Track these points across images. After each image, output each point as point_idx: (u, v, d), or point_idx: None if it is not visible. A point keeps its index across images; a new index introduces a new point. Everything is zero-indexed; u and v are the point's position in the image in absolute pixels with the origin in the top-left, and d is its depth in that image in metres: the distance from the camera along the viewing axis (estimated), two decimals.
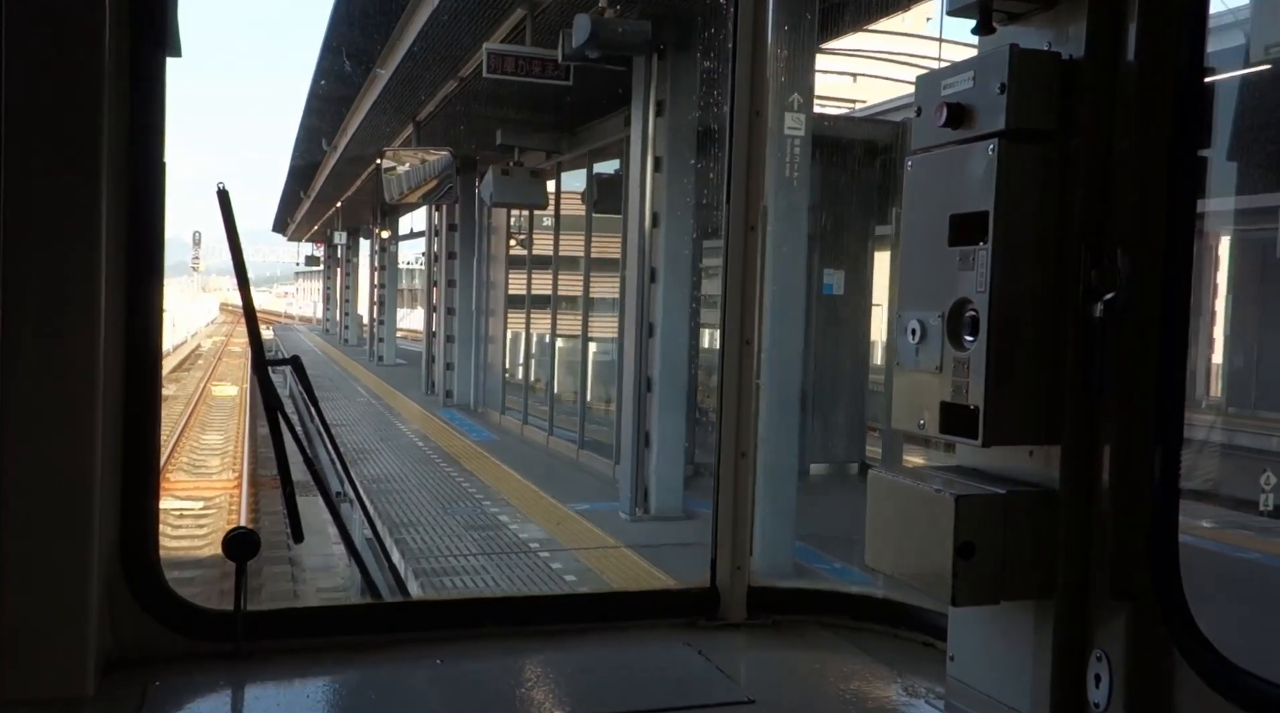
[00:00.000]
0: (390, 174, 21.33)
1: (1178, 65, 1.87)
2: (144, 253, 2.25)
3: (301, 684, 2.40)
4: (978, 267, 1.95)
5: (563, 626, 2.72)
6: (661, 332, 13.28)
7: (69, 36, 2.06)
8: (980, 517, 1.95)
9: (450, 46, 16.41)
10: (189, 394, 32.27)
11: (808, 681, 2.57)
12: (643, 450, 13.39)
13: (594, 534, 12.68)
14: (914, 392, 2.12)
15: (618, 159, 17.49)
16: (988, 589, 1.98)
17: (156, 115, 2.25)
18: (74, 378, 2.10)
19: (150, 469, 2.33)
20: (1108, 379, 1.91)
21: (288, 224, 59.47)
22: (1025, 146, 1.94)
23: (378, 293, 42.47)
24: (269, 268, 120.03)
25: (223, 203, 2.46)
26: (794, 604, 2.87)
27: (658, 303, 13.31)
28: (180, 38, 2.28)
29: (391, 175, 21.32)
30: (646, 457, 13.37)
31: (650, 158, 13.21)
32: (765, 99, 2.72)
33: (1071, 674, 1.99)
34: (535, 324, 22.74)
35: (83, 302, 2.09)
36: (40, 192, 2.06)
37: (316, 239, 63.73)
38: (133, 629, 2.28)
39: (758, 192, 2.73)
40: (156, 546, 2.36)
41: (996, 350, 1.94)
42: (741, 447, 2.77)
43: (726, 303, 2.73)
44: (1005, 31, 2.06)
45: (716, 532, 2.79)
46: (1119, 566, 1.93)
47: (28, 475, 2.07)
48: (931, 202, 2.10)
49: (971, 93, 2.00)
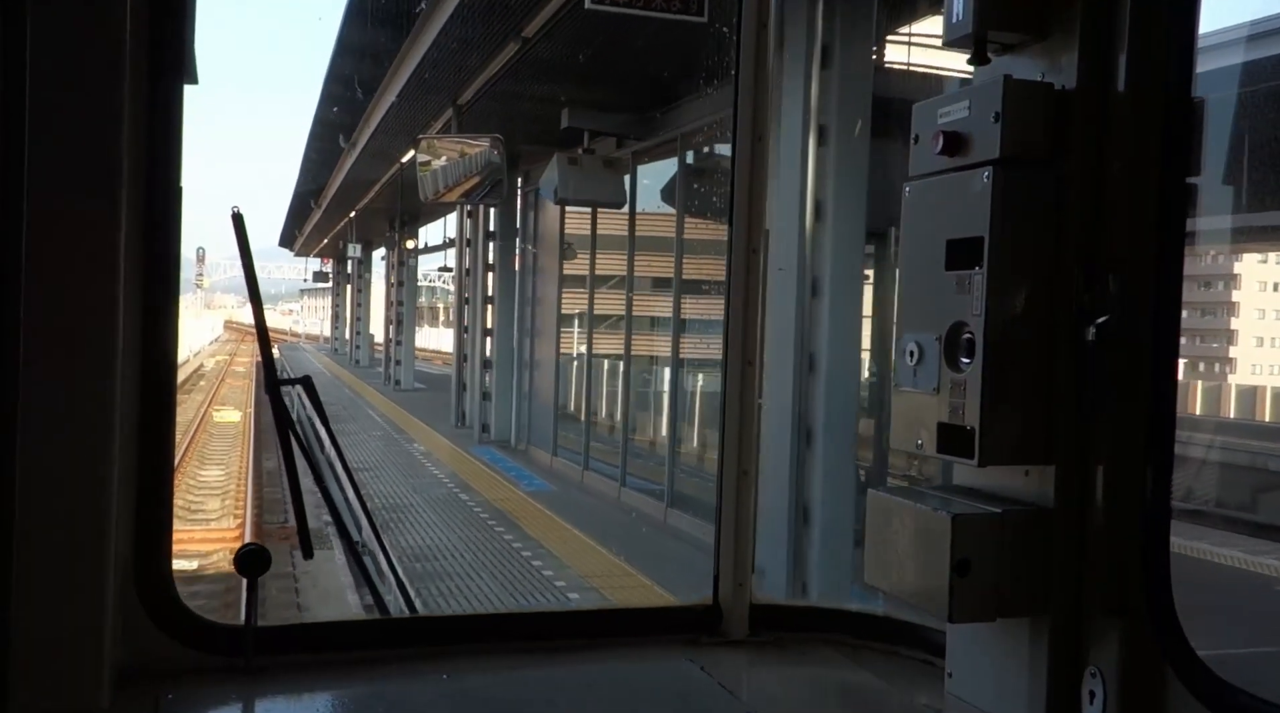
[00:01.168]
0: (425, 169, 17.69)
1: (1167, 94, 1.93)
2: (160, 275, 2.31)
3: (310, 699, 2.50)
4: (973, 290, 2.00)
5: (568, 641, 2.74)
6: (827, 366, 9.52)
7: (90, 66, 2.13)
8: (977, 535, 1.99)
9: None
10: (187, 420, 28.93)
11: (809, 697, 2.67)
12: (800, 529, 9.62)
13: None
14: (912, 412, 2.16)
15: (714, 145, 13.86)
16: (984, 606, 2.02)
17: (174, 141, 2.31)
18: (91, 396, 2.15)
19: (164, 486, 2.38)
20: (1101, 400, 1.97)
21: (295, 238, 56.40)
22: (1019, 173, 1.99)
23: (395, 311, 38.95)
24: (274, 285, 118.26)
25: (237, 227, 2.55)
26: (796, 621, 2.90)
27: (821, 326, 9.56)
28: (197, 66, 2.38)
29: (426, 170, 17.68)
30: (806, 538, 9.60)
31: (813, 126, 9.48)
32: (767, 124, 2.78)
33: (1067, 690, 2.02)
34: (601, 345, 18.94)
35: (101, 322, 2.15)
36: (61, 215, 2.12)
37: (324, 255, 60.91)
38: (145, 643, 2.32)
39: (760, 215, 2.80)
40: (169, 561, 2.39)
41: (992, 372, 1.98)
42: (744, 465, 2.82)
43: (729, 323, 2.80)
44: (1000, 62, 2.11)
45: (719, 549, 2.81)
46: (1112, 583, 1.98)
47: (44, 491, 2.10)
48: (929, 226, 2.14)
49: (967, 121, 2.05)
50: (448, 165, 17.48)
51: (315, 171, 33.63)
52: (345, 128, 25.28)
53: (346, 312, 57.05)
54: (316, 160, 31.86)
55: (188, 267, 59.00)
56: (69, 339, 2.13)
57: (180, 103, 2.30)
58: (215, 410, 33.18)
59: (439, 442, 22.94)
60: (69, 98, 2.11)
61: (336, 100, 23.54)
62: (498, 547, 13.06)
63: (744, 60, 2.72)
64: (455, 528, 14.23)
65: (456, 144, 17.92)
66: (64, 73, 2.09)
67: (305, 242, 56.77)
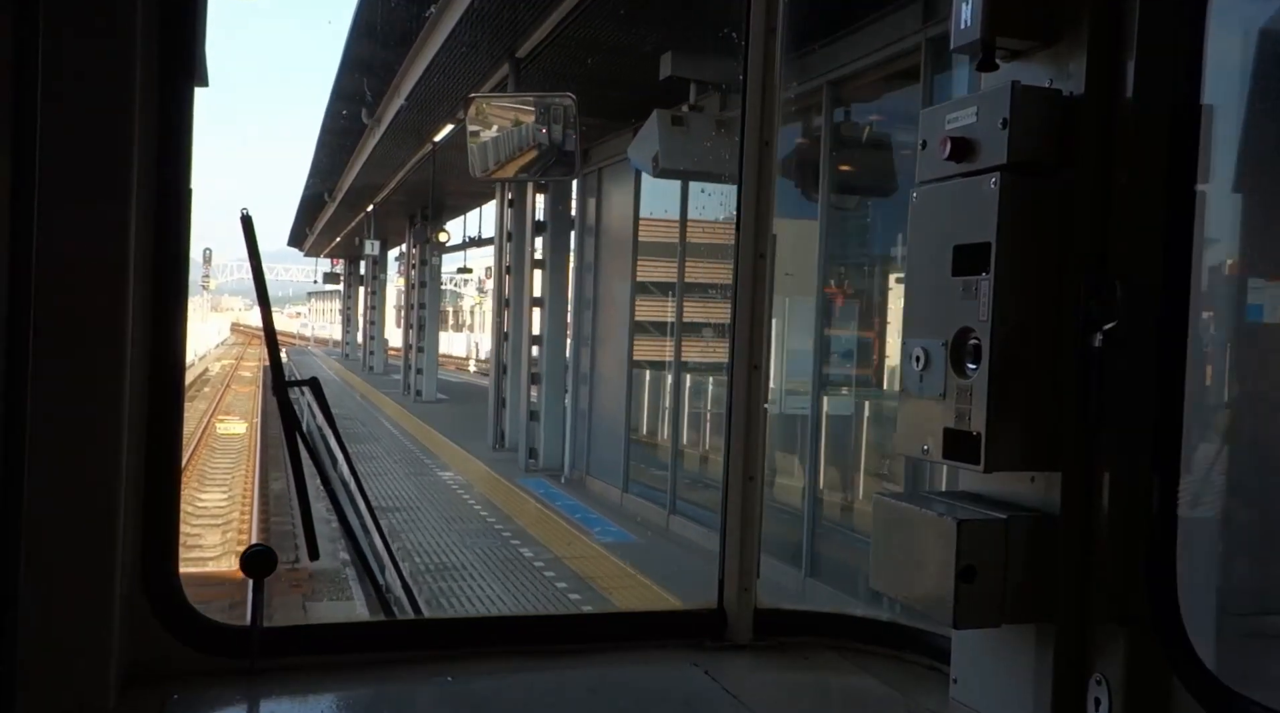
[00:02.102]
0: (476, 139, 14.05)
1: (1175, 101, 1.93)
2: (169, 276, 2.32)
3: (315, 700, 2.48)
4: (980, 296, 1.99)
5: (572, 645, 2.76)
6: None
7: (100, 68, 2.14)
8: (982, 541, 1.98)
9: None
10: (189, 432, 25.39)
11: (813, 702, 2.66)
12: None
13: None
14: (918, 418, 2.15)
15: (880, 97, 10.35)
16: (989, 612, 2.01)
17: (184, 143, 2.32)
18: (99, 398, 2.17)
19: (172, 487, 2.38)
20: (1107, 407, 1.96)
21: (305, 237, 53.01)
22: (1026, 180, 1.98)
23: (416, 314, 35.53)
24: (281, 288, 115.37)
25: (246, 229, 2.55)
26: (801, 627, 2.89)
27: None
28: (208, 67, 2.40)
29: (477, 140, 14.03)
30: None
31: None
32: (775, 129, 2.79)
33: (1072, 697, 2.01)
34: (690, 354, 15.31)
35: (110, 323, 2.17)
36: (71, 217, 2.12)
37: (334, 257, 57.68)
38: (152, 644, 2.34)
39: (767, 220, 2.81)
40: (176, 562, 2.39)
41: (998, 378, 1.98)
42: (749, 470, 2.84)
43: (736, 328, 2.83)
44: (1007, 68, 2.10)
45: (724, 554, 2.82)
46: (1118, 590, 1.97)
47: (52, 492, 2.11)
48: (936, 232, 2.14)
49: (975, 127, 2.05)
50: (506, 133, 13.93)
51: (331, 158, 30.13)
52: (369, 102, 21.83)
53: (357, 315, 53.71)
54: (333, 145, 28.37)
55: (194, 268, 55.55)
56: (78, 340, 2.15)
57: (191, 104, 2.32)
58: (219, 421, 29.84)
59: (477, 470, 19.42)
60: (79, 99, 2.13)
61: (361, 65, 20.01)
62: None
63: (752, 64, 2.76)
64: (525, 600, 10.68)
65: (516, 105, 14.38)
66: (75, 74, 2.11)
67: (316, 241, 53.55)
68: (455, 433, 23.76)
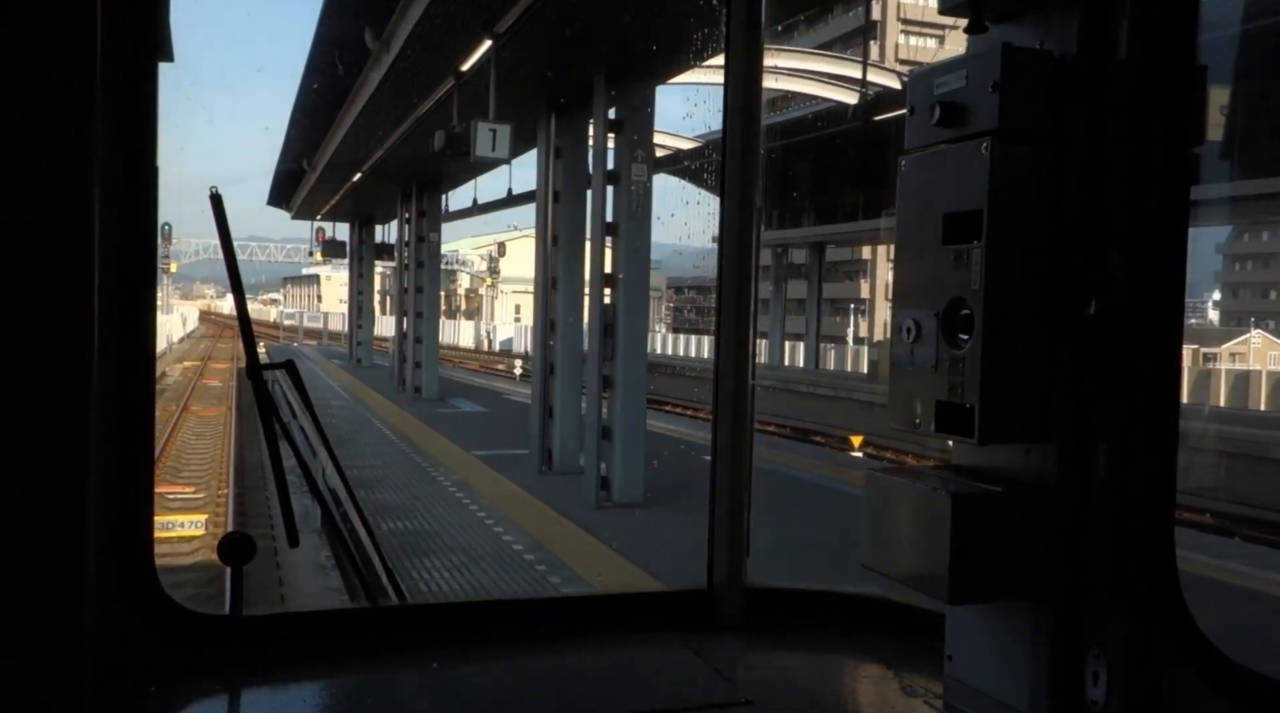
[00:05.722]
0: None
1: (1170, 62, 1.90)
2: (136, 257, 2.26)
3: (298, 689, 2.43)
4: (972, 265, 1.96)
5: (560, 629, 2.72)
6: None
7: (61, 42, 2.05)
8: (977, 515, 1.97)
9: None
10: None
11: (806, 682, 2.62)
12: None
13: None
14: (910, 390, 2.12)
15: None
16: (984, 588, 2.00)
17: (149, 119, 2.27)
18: (67, 385, 2.09)
19: (144, 475, 2.34)
20: (1103, 377, 1.94)
21: (292, 194, 44.02)
22: (1018, 145, 1.96)
23: (412, 297, 30.51)
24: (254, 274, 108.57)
25: (216, 208, 2.46)
26: (792, 605, 2.87)
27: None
28: (173, 42, 2.31)
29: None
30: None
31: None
32: (759, 102, 2.76)
33: (1069, 672, 2.00)
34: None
35: (75, 306, 2.09)
36: (32, 197, 2.06)
37: (319, 235, 50.66)
38: (129, 636, 2.29)
39: (752, 191, 2.76)
40: (151, 551, 2.35)
41: (991, 349, 1.95)
42: (737, 449, 2.80)
43: (722, 304, 2.79)
44: (997, 30, 2.07)
45: (713, 533, 2.78)
46: (1115, 563, 1.95)
47: (20, 483, 2.06)
48: (925, 200, 2.10)
49: (964, 91, 2.01)
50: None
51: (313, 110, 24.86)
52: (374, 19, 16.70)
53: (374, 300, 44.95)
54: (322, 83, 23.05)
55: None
56: (43, 324, 2.07)
57: (155, 80, 2.26)
58: (165, 498, 17.25)
59: (540, 514, 14.34)
60: (38, 75, 2.03)
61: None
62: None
63: (735, 33, 2.71)
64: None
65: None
66: (32, 48, 2.01)
67: (308, 199, 43.58)
68: (470, 440, 18.82)
